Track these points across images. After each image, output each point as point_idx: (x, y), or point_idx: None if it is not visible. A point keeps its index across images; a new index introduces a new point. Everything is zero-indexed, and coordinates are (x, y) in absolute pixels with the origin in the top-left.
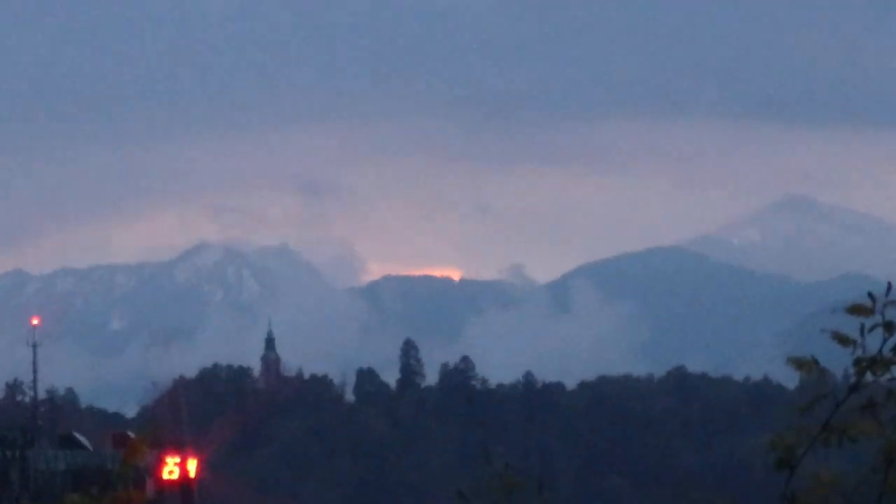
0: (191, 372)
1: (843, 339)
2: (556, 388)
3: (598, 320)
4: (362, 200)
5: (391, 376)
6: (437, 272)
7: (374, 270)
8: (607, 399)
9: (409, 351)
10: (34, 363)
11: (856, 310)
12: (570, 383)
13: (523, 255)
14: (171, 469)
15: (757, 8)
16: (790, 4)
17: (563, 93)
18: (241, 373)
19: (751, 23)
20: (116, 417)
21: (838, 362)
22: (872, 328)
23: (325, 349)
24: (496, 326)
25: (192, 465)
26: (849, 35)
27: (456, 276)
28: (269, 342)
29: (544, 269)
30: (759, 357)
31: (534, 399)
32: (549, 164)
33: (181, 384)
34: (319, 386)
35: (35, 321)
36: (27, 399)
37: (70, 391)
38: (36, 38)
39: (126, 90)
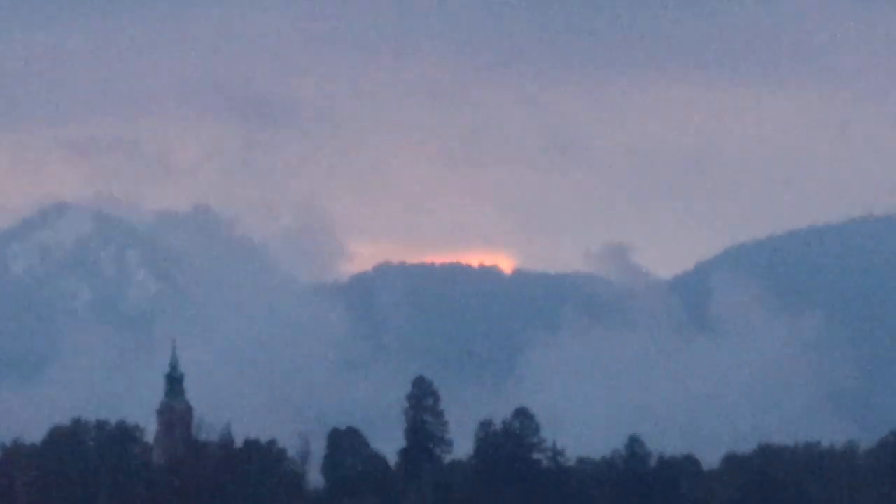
0: (35, 430)
1: None
2: (685, 466)
3: (758, 339)
4: (343, 139)
5: (390, 441)
6: (473, 258)
7: (363, 255)
8: (782, 487)
9: (421, 395)
10: None
11: None
12: (711, 455)
13: (625, 233)
14: None
15: None
16: None
17: None
18: (123, 434)
19: None
20: None
21: None
22: None
23: (274, 393)
24: (579, 351)
25: None
26: None
27: (506, 264)
28: (174, 381)
29: (665, 254)
30: None
31: (644, 485)
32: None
33: (14, 455)
34: (262, 459)
35: None
36: None
37: None
38: None
39: None
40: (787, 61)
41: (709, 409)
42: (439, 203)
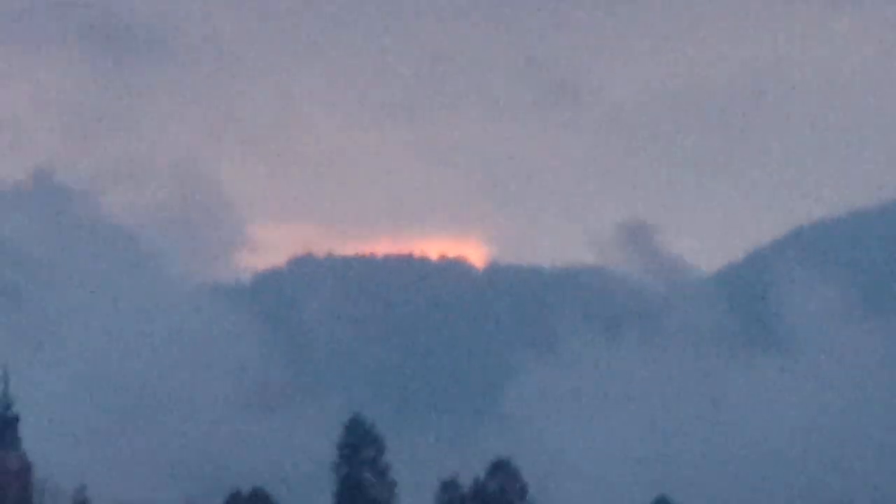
0: None
1: None
2: None
3: (838, 355)
4: (240, 84)
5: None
6: (430, 248)
7: (272, 245)
8: None
9: (357, 443)
10: None
11: None
12: None
13: (648, 210)
14: None
15: None
16: None
17: None
18: None
19: None
20: None
21: None
22: None
23: (150, 441)
24: (583, 375)
25: None
26: None
27: (477, 256)
28: (4, 424)
29: (706, 239)
30: None
31: None
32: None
33: None
34: None
35: None
36: None
37: None
38: None
39: None
40: None
41: (769, 457)
42: (381, 172)
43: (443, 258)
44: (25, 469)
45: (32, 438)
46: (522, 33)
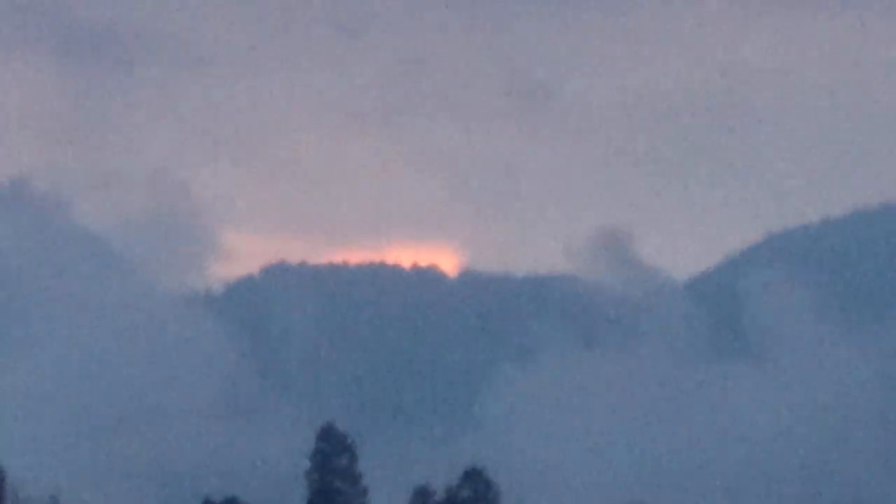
0: None
1: None
2: None
3: (814, 362)
4: (214, 87)
5: None
6: (402, 256)
7: (245, 253)
8: None
9: (330, 451)
10: None
11: None
12: None
13: (623, 217)
14: None
15: None
16: None
17: None
18: None
19: None
20: None
21: None
22: None
23: (122, 448)
24: (558, 383)
25: None
26: None
27: (450, 263)
28: None
29: (680, 246)
30: None
31: None
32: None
33: None
34: None
35: None
36: None
37: None
38: None
39: None
40: None
41: (743, 465)
42: (353, 179)
43: (415, 266)
44: None
45: (5, 446)
46: (497, 40)
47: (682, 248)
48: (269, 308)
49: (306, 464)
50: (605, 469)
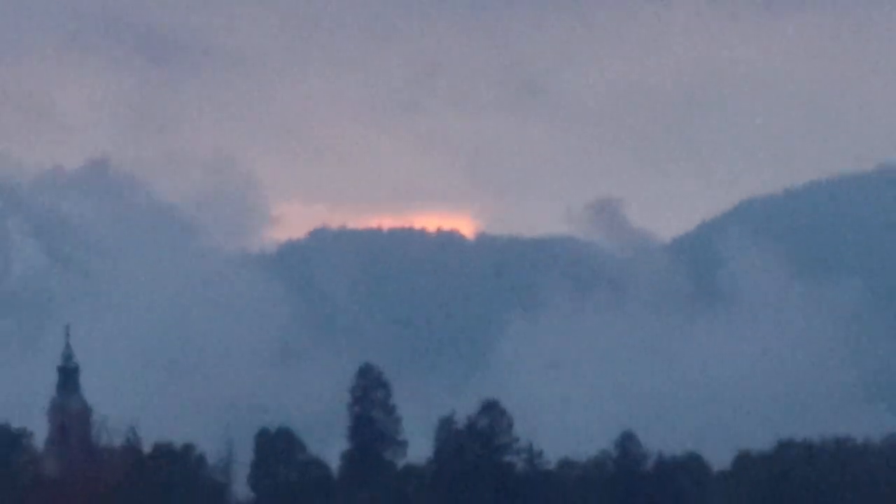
0: None
1: None
2: (689, 468)
3: (779, 313)
4: (263, 80)
5: (331, 443)
6: (427, 221)
7: (293, 220)
8: (805, 492)
9: (368, 387)
10: None
11: None
12: (721, 454)
13: (615, 186)
14: None
15: None
16: None
17: None
18: (6, 440)
19: None
20: None
21: None
22: None
23: (189, 387)
24: (560, 331)
25: None
26: None
27: (468, 228)
28: (68, 375)
29: (663, 211)
30: None
31: (640, 491)
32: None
33: None
34: (175, 467)
35: None
36: None
37: None
38: None
39: None
40: None
41: (718, 398)
42: (385, 155)
43: (439, 230)
44: (85, 411)
45: (91, 386)
46: (502, 40)
47: (666, 214)
48: (314, 266)
49: (348, 398)
50: (600, 402)
